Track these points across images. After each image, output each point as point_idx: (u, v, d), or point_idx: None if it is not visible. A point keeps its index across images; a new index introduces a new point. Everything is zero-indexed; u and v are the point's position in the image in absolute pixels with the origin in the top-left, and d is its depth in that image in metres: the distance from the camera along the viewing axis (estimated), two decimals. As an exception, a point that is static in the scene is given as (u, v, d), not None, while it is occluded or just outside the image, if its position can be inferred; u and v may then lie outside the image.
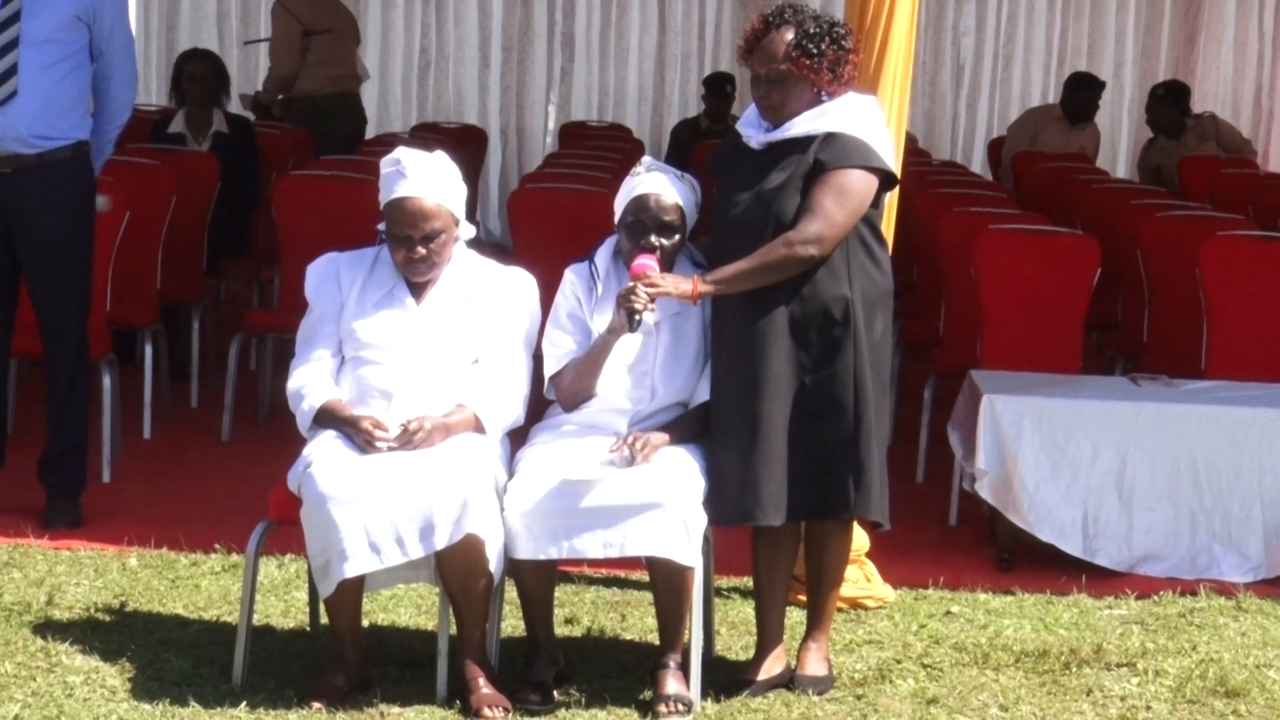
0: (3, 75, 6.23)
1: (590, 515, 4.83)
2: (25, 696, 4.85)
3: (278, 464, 5.11)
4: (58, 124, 6.33)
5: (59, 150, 6.34)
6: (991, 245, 7.54)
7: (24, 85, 6.22)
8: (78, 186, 6.45)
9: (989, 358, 7.30)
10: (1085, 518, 6.45)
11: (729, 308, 5.05)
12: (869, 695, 5.15)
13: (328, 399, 5.03)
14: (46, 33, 6.26)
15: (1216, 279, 7.39)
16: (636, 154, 10.61)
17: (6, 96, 6.22)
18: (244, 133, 9.47)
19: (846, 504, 5.05)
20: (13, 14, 6.24)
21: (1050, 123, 12.23)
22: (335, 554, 4.77)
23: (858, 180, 5.00)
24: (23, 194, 6.30)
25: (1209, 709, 5.16)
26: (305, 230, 7.94)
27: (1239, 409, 6.49)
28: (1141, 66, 14.79)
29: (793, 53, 4.99)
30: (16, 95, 6.22)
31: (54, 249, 6.39)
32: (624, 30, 14.73)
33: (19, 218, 6.34)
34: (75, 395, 6.53)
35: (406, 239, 5.03)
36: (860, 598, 5.91)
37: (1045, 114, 12.51)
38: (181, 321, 8.51)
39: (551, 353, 5.17)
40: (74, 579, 5.86)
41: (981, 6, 14.79)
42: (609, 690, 5.05)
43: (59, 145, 6.34)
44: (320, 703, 4.82)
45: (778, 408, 4.98)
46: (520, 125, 14.70)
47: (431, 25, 14.61)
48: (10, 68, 6.23)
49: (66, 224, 6.40)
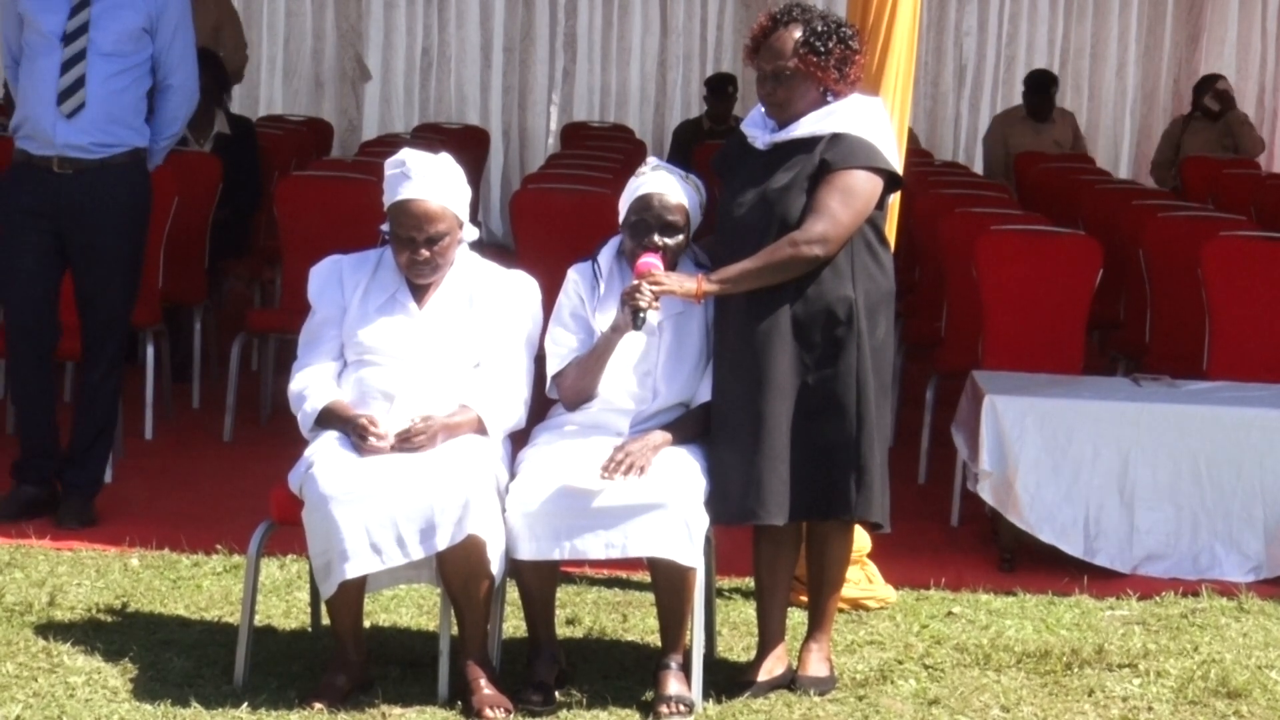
0: (72, 87, 6.34)
1: (592, 516, 4.83)
2: (27, 697, 4.85)
3: (279, 464, 5.11)
4: (119, 132, 6.44)
5: (118, 156, 6.43)
6: (993, 246, 7.54)
7: (91, 95, 6.33)
8: (134, 191, 6.53)
9: (991, 358, 7.30)
10: (1086, 518, 6.44)
11: (732, 307, 5.05)
12: (870, 696, 5.15)
13: (330, 400, 5.03)
14: (113, 44, 6.37)
15: (1218, 279, 7.39)
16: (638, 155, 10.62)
17: (76, 108, 6.33)
18: (246, 133, 9.47)
19: (848, 505, 5.04)
20: (81, 25, 6.33)
21: (1015, 124, 12.53)
22: (337, 554, 4.77)
23: (863, 181, 5.00)
24: (81, 196, 6.39)
25: (1211, 710, 5.16)
26: (307, 231, 7.95)
27: (1240, 409, 6.49)
28: (1144, 66, 14.80)
29: (800, 50, 4.99)
30: (85, 106, 6.33)
31: (106, 250, 6.46)
32: (626, 31, 14.74)
33: (75, 218, 6.41)
34: (105, 396, 6.59)
35: (410, 241, 5.03)
36: (862, 598, 5.91)
37: (1010, 116, 12.84)
38: (183, 322, 8.52)
39: (554, 351, 5.16)
40: (76, 579, 5.86)
41: (984, 7, 14.79)
42: (610, 691, 5.05)
43: (118, 152, 6.43)
44: (322, 703, 4.82)
45: (780, 407, 4.99)
46: (522, 126, 14.71)
47: (433, 26, 14.62)
48: (79, 79, 6.33)
49: (120, 226, 6.48)
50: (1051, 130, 12.39)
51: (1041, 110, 12.40)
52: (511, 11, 14.55)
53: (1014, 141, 12.31)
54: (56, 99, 6.32)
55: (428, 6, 14.58)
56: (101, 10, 6.35)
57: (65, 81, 6.32)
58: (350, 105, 14.38)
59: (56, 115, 6.33)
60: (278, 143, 10.27)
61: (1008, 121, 12.67)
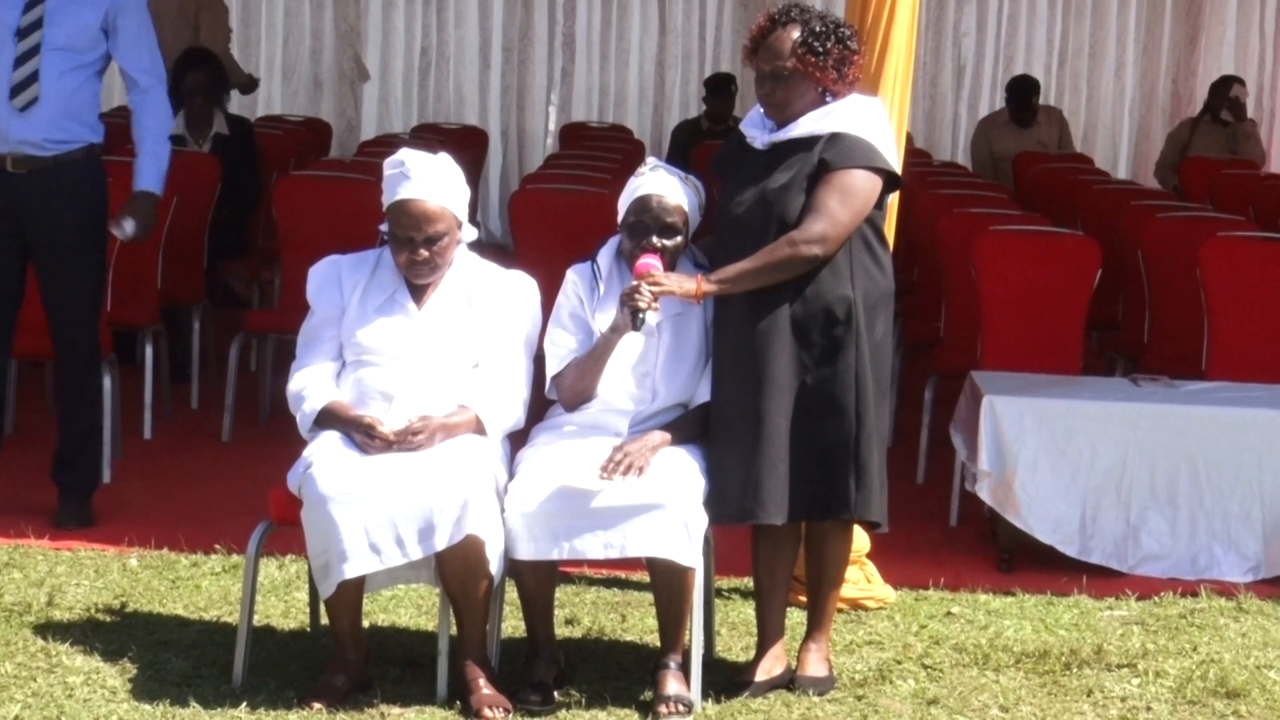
0: (25, 82, 6.29)
1: (591, 516, 4.83)
2: (25, 697, 4.85)
3: (278, 465, 5.10)
4: (73, 128, 6.38)
5: (73, 152, 6.38)
6: (992, 246, 7.54)
7: (45, 91, 6.29)
8: (91, 187, 6.48)
9: (989, 358, 7.30)
10: (1084, 518, 6.45)
11: (731, 307, 5.05)
12: (869, 696, 5.15)
13: (328, 401, 5.03)
14: (66, 39, 6.32)
15: (1217, 280, 7.39)
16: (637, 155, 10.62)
17: (28, 103, 6.28)
18: (244, 134, 9.47)
19: (847, 505, 5.05)
20: (35, 20, 6.29)
21: (999, 127, 12.62)
22: (335, 554, 4.77)
23: (862, 181, 5.00)
24: (37, 194, 6.34)
25: (1209, 710, 5.16)
26: (305, 231, 7.95)
27: (1239, 410, 6.49)
28: (1142, 67, 14.79)
29: (799, 50, 4.99)
30: (38, 101, 6.29)
31: (67, 248, 6.42)
32: (625, 31, 14.74)
33: (33, 218, 6.37)
34: (87, 394, 6.57)
35: (409, 241, 5.02)
36: (860, 598, 5.91)
37: (993, 120, 12.92)
38: (182, 322, 8.52)
39: (553, 352, 5.16)
40: (74, 579, 5.86)
41: (982, 7, 14.79)
42: (609, 691, 5.05)
43: (73, 148, 6.38)
44: (321, 703, 4.82)
45: (779, 407, 4.99)
46: (521, 126, 14.70)
47: (432, 26, 14.62)
48: (32, 74, 6.28)
49: (79, 224, 6.43)
50: (1036, 132, 12.49)
51: (1024, 116, 12.52)
52: (510, 12, 14.55)
53: (998, 146, 12.41)
54: (9, 94, 6.27)
55: (426, 6, 14.57)
56: (56, 5, 6.29)
57: (19, 76, 6.27)
58: (349, 105, 14.38)
59: (10, 110, 6.27)
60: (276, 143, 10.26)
61: (992, 125, 12.80)
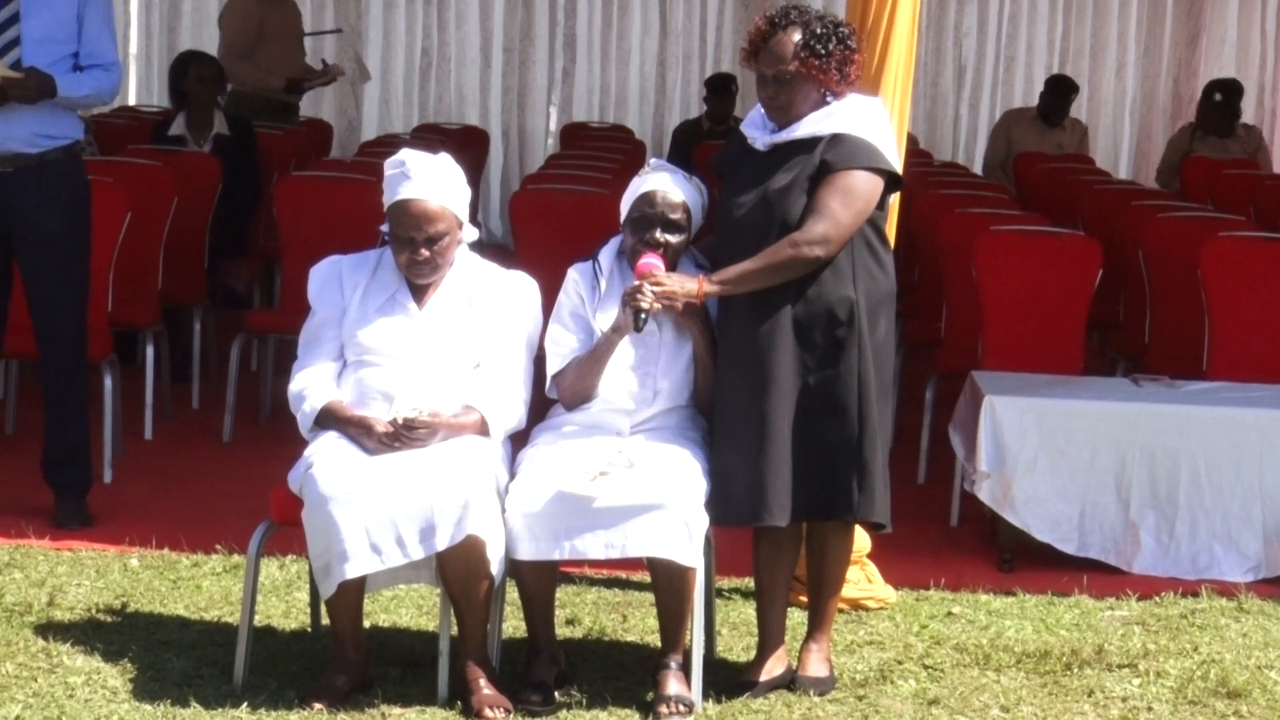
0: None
1: (591, 516, 4.83)
2: (26, 697, 4.85)
3: (279, 465, 5.11)
4: (59, 123, 6.36)
5: (56, 150, 6.36)
6: (993, 246, 7.54)
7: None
8: (74, 185, 6.46)
9: (990, 358, 7.30)
10: (1084, 518, 6.45)
11: (733, 308, 5.05)
12: (870, 696, 5.15)
13: (329, 401, 5.03)
14: (44, 31, 6.27)
15: (1218, 280, 7.39)
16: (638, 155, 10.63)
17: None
18: (245, 134, 9.46)
19: (850, 505, 5.05)
20: (12, 15, 6.26)
21: (1024, 123, 12.54)
22: (336, 555, 4.77)
23: (864, 181, 5.00)
24: (22, 193, 6.32)
25: (1210, 710, 5.16)
26: (306, 231, 7.95)
27: (1239, 410, 6.49)
28: (1143, 67, 14.80)
29: (801, 53, 4.99)
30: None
31: (53, 247, 6.40)
32: (625, 31, 14.75)
33: (18, 216, 6.35)
34: (74, 395, 6.53)
35: (410, 241, 5.03)
36: (861, 598, 5.91)
37: (1020, 115, 12.80)
38: (183, 322, 8.51)
39: (554, 351, 5.16)
40: (75, 580, 5.86)
41: (983, 7, 14.80)
42: (610, 691, 5.05)
43: (58, 145, 6.36)
44: (321, 703, 4.82)
45: (782, 408, 4.99)
46: (522, 126, 14.72)
47: (433, 26, 14.63)
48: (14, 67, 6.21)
49: (65, 222, 6.41)
50: (1059, 135, 12.35)
51: (1055, 114, 12.37)
52: (511, 12, 14.56)
53: (1018, 141, 12.30)
54: None
55: (427, 7, 14.59)
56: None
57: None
58: (350, 105, 14.39)
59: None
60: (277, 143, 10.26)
61: (1018, 119, 12.64)
